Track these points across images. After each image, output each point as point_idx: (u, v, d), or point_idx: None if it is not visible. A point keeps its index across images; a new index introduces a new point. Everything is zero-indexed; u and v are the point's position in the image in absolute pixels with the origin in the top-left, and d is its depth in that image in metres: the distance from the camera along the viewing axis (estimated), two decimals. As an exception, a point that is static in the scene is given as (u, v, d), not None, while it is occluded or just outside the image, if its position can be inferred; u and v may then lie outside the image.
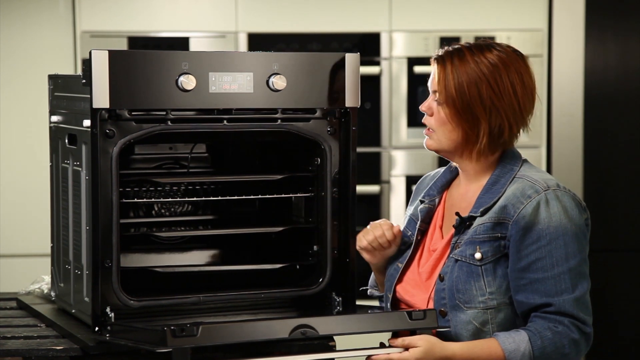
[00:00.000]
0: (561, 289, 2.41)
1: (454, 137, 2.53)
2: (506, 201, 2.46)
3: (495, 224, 2.46)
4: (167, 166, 2.93)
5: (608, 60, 4.87)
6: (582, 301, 2.44)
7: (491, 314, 2.45)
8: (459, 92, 2.50)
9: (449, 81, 2.51)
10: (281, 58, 2.65)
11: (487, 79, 2.49)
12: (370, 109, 4.78)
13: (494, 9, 4.81)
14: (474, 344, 2.42)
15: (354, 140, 2.74)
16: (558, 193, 2.45)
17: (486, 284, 2.45)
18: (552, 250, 2.41)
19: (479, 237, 2.47)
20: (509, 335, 2.41)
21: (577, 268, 2.43)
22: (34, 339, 2.58)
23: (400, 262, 2.64)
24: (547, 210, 2.42)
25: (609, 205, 4.89)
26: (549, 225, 2.42)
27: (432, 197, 2.66)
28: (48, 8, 4.70)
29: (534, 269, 2.42)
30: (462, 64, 2.51)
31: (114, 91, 2.49)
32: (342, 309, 2.74)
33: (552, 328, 2.40)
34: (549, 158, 4.85)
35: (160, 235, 2.90)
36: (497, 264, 2.46)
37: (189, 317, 2.63)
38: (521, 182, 2.49)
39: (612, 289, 4.93)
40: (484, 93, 2.48)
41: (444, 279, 2.49)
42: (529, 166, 2.56)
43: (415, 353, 2.39)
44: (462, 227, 2.51)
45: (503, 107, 2.49)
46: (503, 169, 2.53)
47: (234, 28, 4.74)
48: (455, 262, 2.49)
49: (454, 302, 2.47)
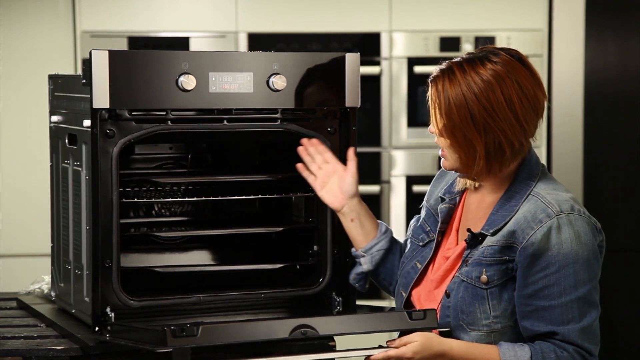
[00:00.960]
0: (568, 318, 2.35)
1: (454, 159, 2.45)
2: (516, 226, 2.38)
3: (503, 247, 2.39)
4: (167, 166, 2.93)
5: (608, 60, 4.87)
6: (589, 330, 2.37)
7: (495, 337, 2.41)
8: (448, 117, 2.40)
9: (439, 106, 2.42)
10: (281, 58, 2.65)
11: (479, 100, 2.38)
12: (370, 109, 4.78)
13: (494, 9, 4.81)
14: (474, 345, 2.40)
15: (354, 140, 2.74)
16: (571, 217, 2.36)
17: (491, 307, 2.40)
18: (561, 278, 2.34)
19: (486, 260, 2.41)
20: (512, 348, 2.38)
21: (585, 297, 2.36)
22: (34, 339, 2.58)
23: (419, 262, 2.57)
24: (558, 236, 2.35)
25: (609, 205, 4.89)
26: (559, 252, 2.34)
27: (452, 196, 2.57)
28: (48, 8, 4.70)
29: (541, 297, 2.35)
30: (451, 86, 2.40)
31: (114, 91, 2.49)
32: (342, 309, 2.74)
33: (557, 352, 2.36)
34: (549, 158, 4.85)
35: (161, 235, 2.90)
36: (504, 288, 2.40)
37: (189, 317, 2.63)
38: (534, 203, 2.40)
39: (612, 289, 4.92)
40: (476, 114, 2.38)
41: (450, 295, 2.45)
42: (546, 181, 2.46)
43: (412, 347, 2.38)
44: (473, 242, 2.45)
45: (499, 125, 2.38)
46: (519, 184, 2.44)
47: (234, 28, 4.74)
48: (462, 282, 2.44)
49: (457, 322, 2.43)
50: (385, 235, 2.70)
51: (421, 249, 2.60)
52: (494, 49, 2.45)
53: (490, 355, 2.38)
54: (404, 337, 2.41)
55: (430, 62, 4.72)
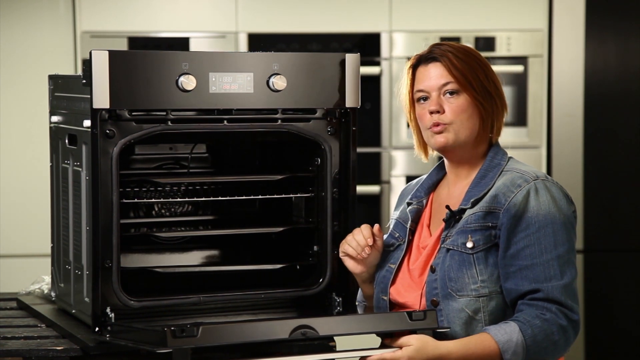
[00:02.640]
0: (549, 275, 2.44)
1: (471, 124, 2.57)
2: (497, 191, 2.50)
3: (486, 213, 2.49)
4: (167, 166, 2.93)
5: (608, 60, 4.87)
6: (570, 288, 2.46)
7: (483, 302, 2.47)
8: (472, 75, 2.55)
9: (459, 68, 2.55)
10: (281, 58, 2.65)
11: (485, 65, 2.58)
12: (370, 109, 4.78)
13: (494, 9, 4.81)
14: (467, 340, 2.43)
15: (354, 141, 2.74)
16: (547, 183, 2.50)
17: (478, 272, 2.47)
18: (541, 237, 2.45)
19: (471, 226, 2.49)
20: (500, 327, 2.43)
21: (565, 256, 2.46)
22: (34, 339, 2.58)
23: (392, 263, 2.64)
24: (536, 198, 2.47)
25: (609, 205, 4.89)
26: (537, 214, 2.46)
27: (419, 199, 2.68)
28: (48, 8, 4.70)
29: (522, 256, 2.45)
30: (459, 53, 2.57)
31: (114, 91, 2.49)
32: (342, 310, 2.74)
33: (540, 316, 2.42)
34: (549, 158, 4.85)
35: (161, 235, 2.90)
36: (489, 253, 2.48)
37: (189, 317, 2.63)
38: (510, 174, 2.53)
39: (612, 289, 4.93)
40: (488, 75, 2.57)
41: (436, 269, 2.51)
42: (516, 161, 2.61)
43: (407, 351, 2.39)
44: (452, 220, 2.54)
45: (499, 93, 2.58)
46: (490, 164, 2.58)
47: (234, 28, 4.74)
48: (447, 252, 2.50)
49: (446, 291, 2.48)
50: None
51: (392, 253, 2.66)
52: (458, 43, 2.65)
53: (485, 343, 2.42)
54: (401, 338, 2.42)
55: (430, 62, 4.71)
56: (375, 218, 4.79)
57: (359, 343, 2.41)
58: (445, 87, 2.56)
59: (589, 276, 4.87)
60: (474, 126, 2.57)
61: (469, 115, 2.56)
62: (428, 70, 2.59)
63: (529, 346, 2.41)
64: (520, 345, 2.41)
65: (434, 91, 2.57)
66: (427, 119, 2.59)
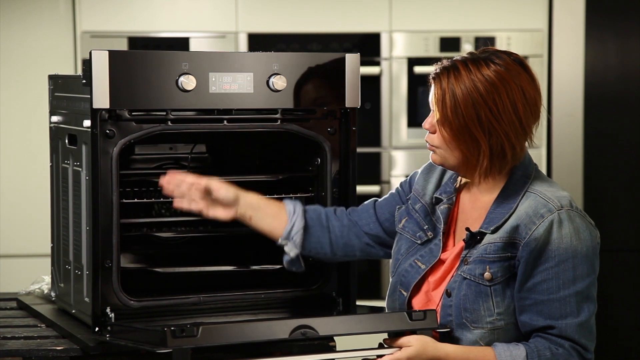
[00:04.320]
0: (566, 312, 2.36)
1: (455, 156, 2.44)
2: (518, 220, 2.38)
3: (506, 244, 2.39)
4: (167, 166, 2.93)
5: (608, 60, 4.87)
6: (586, 326, 2.38)
7: (498, 334, 2.41)
8: (454, 113, 2.39)
9: (445, 102, 2.41)
10: (281, 58, 2.65)
11: (485, 101, 2.37)
12: (370, 109, 4.78)
13: (494, 9, 4.81)
14: (469, 348, 2.40)
15: (354, 140, 2.74)
16: (571, 214, 2.38)
17: (495, 304, 2.40)
18: (560, 272, 2.36)
19: (489, 257, 2.40)
20: (507, 348, 2.38)
21: (584, 292, 2.37)
22: (34, 339, 2.58)
23: (421, 262, 2.52)
24: (559, 231, 2.36)
25: (609, 205, 4.89)
26: (559, 247, 2.35)
27: (449, 195, 2.55)
28: (48, 8, 4.70)
29: (539, 290, 2.36)
30: (457, 83, 2.40)
31: (114, 91, 2.49)
32: (343, 310, 2.74)
33: (552, 349, 2.36)
34: (549, 158, 4.85)
35: (161, 235, 2.90)
36: (507, 285, 2.40)
37: (189, 317, 2.63)
38: (534, 199, 2.40)
39: (612, 289, 4.93)
40: (482, 115, 2.38)
41: (451, 294, 2.44)
42: (541, 180, 2.47)
43: (407, 352, 2.38)
44: (472, 242, 2.44)
45: (503, 129, 2.39)
46: (515, 183, 2.45)
47: (234, 28, 4.74)
48: (464, 280, 2.43)
49: (460, 320, 2.42)
50: (295, 215, 2.65)
51: (419, 248, 2.55)
52: (496, 50, 2.45)
53: (486, 358, 2.38)
54: (401, 338, 2.41)
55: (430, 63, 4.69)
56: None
57: (359, 343, 2.41)
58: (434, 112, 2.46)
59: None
60: (461, 157, 2.43)
61: (452, 149, 2.43)
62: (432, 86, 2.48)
63: None
64: None
65: (432, 107, 2.47)
66: None
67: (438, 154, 2.47)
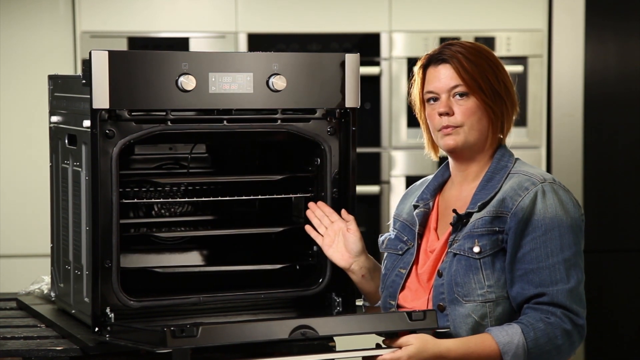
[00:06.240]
0: (555, 279, 2.43)
1: (481, 126, 2.55)
2: (504, 194, 2.49)
3: (493, 218, 2.47)
4: (167, 166, 2.93)
5: (608, 60, 4.87)
6: (576, 293, 2.45)
7: (490, 307, 2.46)
8: (481, 77, 2.53)
9: (468, 71, 2.53)
10: (281, 58, 2.65)
11: (496, 65, 2.56)
12: (370, 109, 4.78)
13: (494, 9, 4.81)
14: (467, 339, 2.42)
15: (354, 141, 2.74)
16: (554, 186, 2.48)
17: (485, 277, 2.46)
18: (547, 241, 2.44)
19: (478, 231, 2.48)
20: (502, 329, 2.42)
21: (571, 259, 2.45)
22: (34, 339, 2.58)
23: (402, 268, 2.62)
24: (543, 201, 2.45)
25: (609, 205, 4.89)
26: (544, 217, 2.44)
27: (426, 201, 2.65)
28: (48, 8, 4.70)
29: (528, 260, 2.43)
30: (470, 55, 2.55)
31: (113, 91, 2.49)
32: (342, 310, 2.74)
33: (545, 319, 2.41)
34: (549, 158, 4.85)
35: (160, 235, 2.90)
36: (496, 258, 2.47)
37: (189, 317, 2.63)
38: (517, 177, 2.51)
39: (612, 289, 4.93)
40: (499, 76, 2.55)
41: (443, 274, 2.50)
42: (523, 163, 2.59)
43: (407, 351, 2.39)
44: (459, 224, 2.52)
45: (509, 94, 2.57)
46: (497, 166, 2.56)
47: (234, 28, 4.74)
48: (454, 256, 2.49)
49: (452, 295, 2.47)
50: None
51: (401, 257, 2.64)
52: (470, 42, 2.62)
53: (485, 343, 2.41)
54: (401, 338, 2.41)
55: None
56: (375, 218, 4.79)
57: (359, 343, 2.41)
58: (454, 89, 2.55)
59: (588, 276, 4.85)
60: (483, 128, 2.55)
61: (479, 117, 2.54)
62: (438, 72, 2.58)
63: (530, 349, 2.40)
64: (521, 347, 2.40)
65: (443, 93, 2.56)
66: (436, 120, 2.57)
67: (460, 133, 2.56)
